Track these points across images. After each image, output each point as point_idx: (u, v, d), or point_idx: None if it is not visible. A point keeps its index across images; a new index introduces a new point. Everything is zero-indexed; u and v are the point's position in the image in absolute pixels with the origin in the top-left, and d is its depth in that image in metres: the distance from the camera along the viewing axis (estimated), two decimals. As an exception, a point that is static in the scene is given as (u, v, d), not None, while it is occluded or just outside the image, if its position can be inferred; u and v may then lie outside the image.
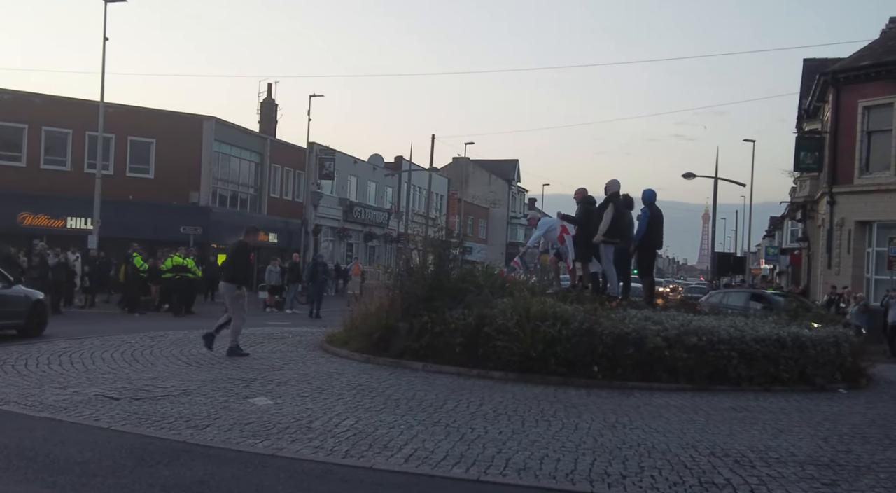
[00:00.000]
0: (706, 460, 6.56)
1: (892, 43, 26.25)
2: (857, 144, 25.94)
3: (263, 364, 10.93)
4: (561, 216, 14.44)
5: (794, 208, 38.36)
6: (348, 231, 46.83)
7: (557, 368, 10.34)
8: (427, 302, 11.77)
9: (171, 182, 32.31)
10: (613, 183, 13.78)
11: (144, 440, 6.42)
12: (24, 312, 14.37)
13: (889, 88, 24.94)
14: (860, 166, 25.97)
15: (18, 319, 14.24)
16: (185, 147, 32.90)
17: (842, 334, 11.80)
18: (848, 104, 26.29)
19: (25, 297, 14.65)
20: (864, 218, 25.76)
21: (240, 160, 37.18)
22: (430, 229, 23.64)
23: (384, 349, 11.73)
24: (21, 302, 14.39)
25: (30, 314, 14.47)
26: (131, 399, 8.08)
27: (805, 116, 34.26)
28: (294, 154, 40.71)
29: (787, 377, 10.70)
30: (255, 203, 38.54)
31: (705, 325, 10.98)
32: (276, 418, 7.42)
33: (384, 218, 50.84)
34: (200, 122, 33.92)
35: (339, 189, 45.67)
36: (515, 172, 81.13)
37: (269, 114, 41.16)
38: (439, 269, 12.65)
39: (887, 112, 25.21)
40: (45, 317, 15.04)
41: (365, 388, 9.29)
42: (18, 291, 14.63)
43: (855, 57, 27.06)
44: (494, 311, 11.11)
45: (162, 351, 12.03)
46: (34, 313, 14.60)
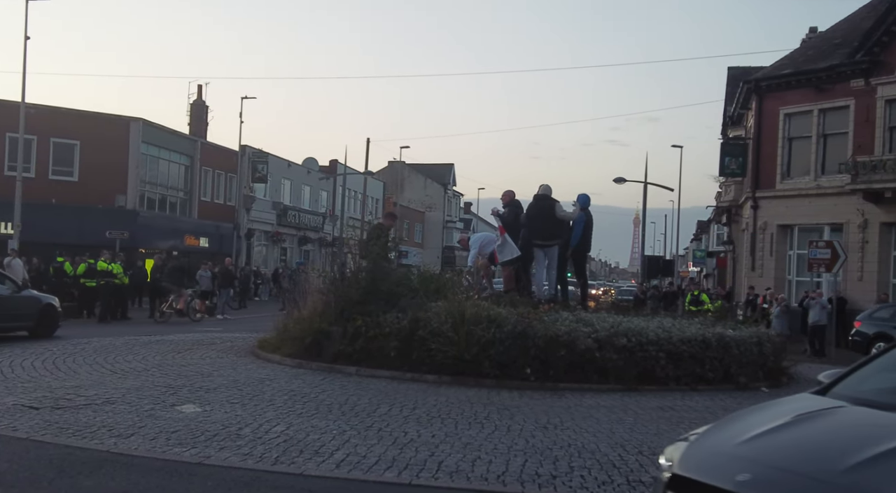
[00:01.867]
0: (634, 459, 6.69)
1: (811, 52, 27.29)
2: (779, 150, 26.88)
3: (192, 371, 10.70)
4: (494, 213, 14.46)
5: (720, 212, 39.48)
6: (282, 235, 46.25)
7: (491, 370, 10.40)
8: (361, 306, 11.70)
9: (96, 185, 31.36)
10: (542, 187, 13.91)
11: (65, 451, 6.21)
12: (33, 314, 15.24)
13: (809, 95, 25.93)
14: (782, 172, 26.91)
15: (27, 321, 15.09)
16: (112, 149, 31.97)
17: (764, 334, 12.21)
18: (770, 111, 27.23)
19: (35, 300, 15.66)
20: (785, 222, 26.70)
21: (169, 163, 36.34)
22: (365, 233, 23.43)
23: (317, 354, 11.61)
24: (30, 305, 15.32)
25: (39, 317, 15.32)
26: (52, 408, 7.80)
27: (730, 122, 35.32)
28: (225, 157, 40.01)
29: (712, 377, 10.99)
30: (185, 207, 37.72)
31: (634, 326, 11.20)
32: (204, 425, 7.26)
33: (319, 222, 50.38)
34: (127, 123, 33.04)
35: (273, 193, 45.09)
36: (451, 176, 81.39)
37: (199, 116, 40.35)
38: (374, 273, 12.59)
39: (807, 119, 26.19)
40: (55, 319, 15.85)
41: (297, 393, 9.17)
42: (27, 295, 15.64)
43: (777, 65, 28.04)
44: (429, 314, 11.11)
45: (85, 359, 11.66)
46: (43, 316, 15.46)
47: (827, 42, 27.10)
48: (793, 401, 4.55)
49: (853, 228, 24.29)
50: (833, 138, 25.52)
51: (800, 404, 4.28)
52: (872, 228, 23.97)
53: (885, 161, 22.92)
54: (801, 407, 4.17)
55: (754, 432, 3.79)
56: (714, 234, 54.95)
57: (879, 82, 23.95)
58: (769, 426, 3.83)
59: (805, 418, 3.93)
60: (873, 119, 24.09)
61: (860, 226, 24.09)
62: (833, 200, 24.80)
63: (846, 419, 3.93)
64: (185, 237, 35.86)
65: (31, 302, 15.46)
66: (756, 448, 3.61)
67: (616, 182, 40.70)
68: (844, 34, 26.36)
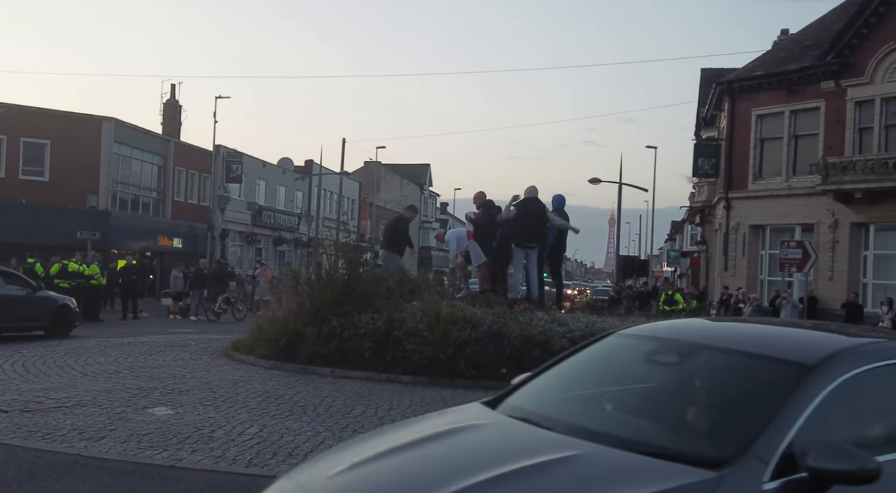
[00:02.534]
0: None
1: (783, 54, 27.62)
2: (751, 151, 27.17)
3: (164, 373, 10.59)
4: (468, 218, 14.54)
5: (693, 213, 39.84)
6: (257, 236, 45.94)
7: (466, 370, 10.41)
8: (336, 307, 11.67)
9: (67, 185, 30.93)
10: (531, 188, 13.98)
11: (34, 454, 6.12)
12: (48, 315, 15.81)
13: (780, 97, 26.24)
14: (754, 172, 27.20)
15: (42, 321, 15.68)
16: (83, 149, 31.55)
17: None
18: (742, 112, 27.52)
19: (50, 301, 16.23)
20: (757, 222, 26.99)
21: (141, 163, 35.94)
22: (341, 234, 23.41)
23: (291, 355, 11.55)
24: (45, 306, 15.89)
25: (54, 317, 15.90)
26: (21, 411, 7.69)
27: (703, 123, 35.65)
28: (199, 157, 39.67)
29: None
30: (158, 207, 37.35)
31: (609, 326, 11.23)
32: (177, 428, 7.19)
33: (294, 222, 50.10)
34: (99, 123, 32.63)
35: (248, 193, 44.77)
36: (427, 176, 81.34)
37: (172, 115, 39.96)
38: (350, 273, 12.56)
39: (779, 120, 26.51)
40: (70, 319, 16.49)
41: (271, 395, 9.12)
42: (42, 295, 16.12)
43: (749, 67, 28.33)
44: (404, 315, 11.11)
45: (56, 361, 11.50)
46: (58, 316, 16.05)
47: (798, 44, 27.44)
48: (449, 414, 3.94)
49: (824, 228, 24.62)
50: (804, 139, 25.86)
51: (450, 419, 3.68)
52: (843, 229, 24.31)
53: (855, 162, 23.26)
54: (446, 423, 3.57)
55: (358, 458, 3.21)
56: (688, 234, 55.43)
57: (849, 84, 24.31)
58: (379, 450, 3.25)
59: (431, 439, 3.30)
60: (843, 120, 24.44)
61: (831, 226, 24.43)
62: (804, 200, 25.12)
63: (476, 439, 3.34)
64: (158, 238, 35.52)
65: (46, 302, 16.04)
66: (340, 483, 3.04)
67: (591, 183, 40.92)
68: (815, 36, 26.71)
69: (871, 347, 3.57)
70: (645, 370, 3.90)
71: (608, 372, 4.02)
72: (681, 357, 3.75)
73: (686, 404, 3.52)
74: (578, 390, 3.96)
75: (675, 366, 3.77)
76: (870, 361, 3.32)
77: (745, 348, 3.56)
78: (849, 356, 3.31)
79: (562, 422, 3.35)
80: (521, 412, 3.56)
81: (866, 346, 3.58)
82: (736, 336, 3.91)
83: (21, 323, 15.40)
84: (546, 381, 3.98)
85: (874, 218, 23.77)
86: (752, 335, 3.97)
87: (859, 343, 3.62)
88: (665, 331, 4.07)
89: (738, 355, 3.50)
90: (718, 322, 5.51)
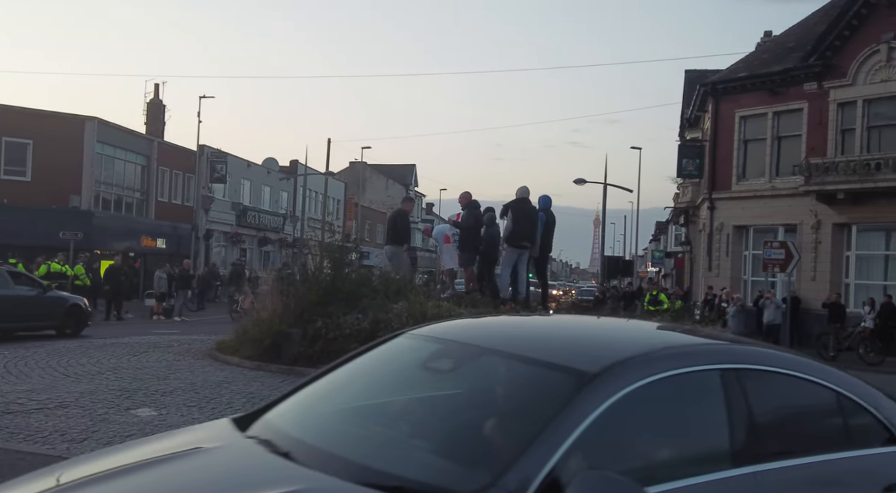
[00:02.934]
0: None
1: (766, 56, 27.81)
2: (735, 152, 27.35)
3: (148, 374, 10.51)
4: (451, 222, 14.60)
5: (678, 213, 40.05)
6: (241, 236, 45.75)
7: (452, 371, 10.37)
8: (321, 307, 11.63)
9: (50, 185, 30.67)
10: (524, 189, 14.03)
11: (15, 456, 6.06)
12: (59, 314, 16.28)
13: (764, 98, 26.42)
14: (737, 173, 27.38)
15: (53, 321, 16.15)
16: (66, 149, 31.30)
17: (720, 332, 12.35)
18: (726, 114, 27.69)
19: (60, 301, 16.68)
20: (741, 223, 27.17)
21: (125, 163, 35.71)
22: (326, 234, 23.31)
23: (276, 356, 11.50)
24: (56, 305, 16.34)
25: (64, 316, 16.37)
26: (2, 413, 7.62)
27: (687, 124, 35.84)
28: (183, 157, 39.46)
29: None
30: (142, 207, 37.11)
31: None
32: (160, 429, 7.12)
33: (279, 223, 49.93)
34: (82, 122, 32.39)
35: (232, 193, 44.58)
36: (413, 176, 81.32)
37: (156, 115, 39.72)
38: (335, 274, 12.54)
39: (762, 122, 26.69)
40: (82, 319, 16.96)
41: (255, 396, 9.07)
42: (53, 295, 16.58)
43: (732, 69, 28.51)
44: (390, 315, 11.08)
45: (38, 362, 11.40)
46: (69, 316, 16.53)
47: (781, 46, 27.64)
48: (192, 432, 3.46)
49: (807, 228, 24.80)
50: (787, 141, 26.05)
51: (189, 439, 3.18)
52: (825, 229, 24.51)
53: (837, 163, 23.46)
54: (180, 444, 3.05)
55: (67, 479, 2.76)
56: (672, 234, 55.69)
57: (832, 86, 24.52)
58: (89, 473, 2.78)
59: (149, 464, 2.80)
60: (826, 122, 24.64)
61: (813, 227, 24.62)
62: (787, 201, 25.30)
63: (193, 468, 2.80)
64: (141, 238, 35.30)
65: (56, 302, 16.50)
66: None
67: (576, 183, 41.05)
68: (798, 38, 26.91)
69: (673, 351, 3.07)
70: (420, 379, 3.43)
71: (385, 381, 3.48)
72: (458, 364, 3.32)
73: (451, 420, 3.05)
74: (348, 402, 3.40)
75: (450, 374, 3.33)
76: (666, 368, 2.83)
77: (529, 352, 3.04)
78: (641, 363, 2.83)
79: (306, 446, 2.82)
80: (269, 431, 3.03)
81: (668, 350, 3.08)
82: (529, 338, 3.42)
83: (32, 323, 15.85)
84: (315, 391, 3.41)
85: (856, 219, 23.97)
86: (547, 337, 3.47)
87: (662, 346, 3.15)
88: (454, 332, 3.55)
89: (520, 361, 3.00)
90: (524, 320, 4.66)
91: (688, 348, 3.19)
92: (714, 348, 3.27)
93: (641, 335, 3.57)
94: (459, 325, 3.86)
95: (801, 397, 3.22)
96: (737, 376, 2.97)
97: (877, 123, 23.89)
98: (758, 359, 3.19)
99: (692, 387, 2.91)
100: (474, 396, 3.18)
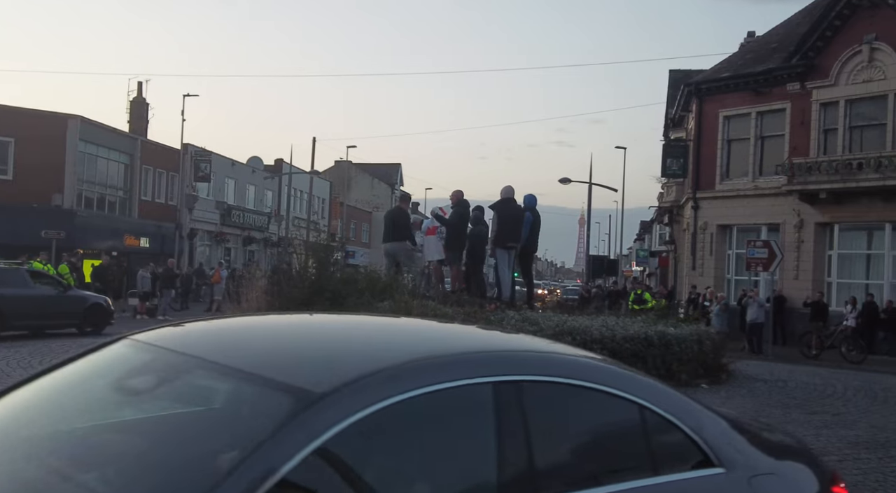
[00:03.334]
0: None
1: (749, 56, 27.99)
2: (719, 151, 27.52)
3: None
4: (434, 215, 14.58)
5: (662, 213, 40.22)
6: (226, 235, 45.56)
7: (437, 370, 10.38)
8: (306, 306, 11.60)
9: (32, 184, 30.43)
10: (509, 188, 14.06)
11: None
12: (80, 313, 16.79)
13: (747, 98, 26.60)
14: (721, 173, 27.55)
15: (74, 319, 16.69)
16: (48, 147, 31.06)
17: (704, 332, 12.45)
18: (710, 114, 27.86)
19: (81, 299, 17.23)
20: (724, 222, 27.34)
21: (108, 161, 35.47)
22: (311, 233, 23.39)
23: (262, 356, 11.45)
24: (76, 304, 16.86)
25: (84, 315, 16.89)
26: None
27: (671, 124, 36.03)
28: (167, 155, 39.24)
29: (654, 374, 11.13)
30: (125, 206, 36.88)
31: (579, 325, 11.31)
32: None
33: (264, 222, 49.76)
34: (65, 121, 32.14)
35: (217, 192, 44.38)
36: (398, 176, 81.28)
37: (139, 113, 39.45)
38: (320, 273, 12.52)
39: (745, 122, 26.88)
40: (104, 317, 17.34)
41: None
42: (74, 294, 17.21)
43: (716, 69, 28.69)
44: (374, 314, 11.07)
45: (20, 362, 11.30)
46: (90, 314, 17.02)
47: (764, 46, 27.84)
48: None
49: (789, 228, 25.00)
50: (770, 140, 26.24)
51: None
52: (808, 228, 24.71)
53: (819, 163, 23.66)
54: None
55: None
56: (656, 234, 56.00)
57: (814, 86, 24.72)
58: None
59: None
60: (808, 122, 24.85)
61: (796, 226, 24.81)
62: (770, 200, 25.48)
63: None
64: (124, 237, 35.08)
65: (77, 301, 17.03)
66: None
67: (561, 183, 41.13)
68: (781, 39, 27.11)
69: (428, 363, 2.48)
70: (110, 400, 2.73)
71: (75, 401, 2.74)
72: (162, 380, 2.70)
73: (126, 455, 2.34)
74: (20, 429, 2.61)
75: (149, 394, 2.70)
76: (417, 385, 2.31)
77: (253, 365, 2.44)
78: (383, 379, 2.29)
79: None
80: None
81: (421, 362, 2.48)
82: (268, 346, 2.80)
83: (53, 321, 16.37)
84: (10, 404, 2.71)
85: (838, 218, 24.18)
86: (291, 345, 2.82)
87: (413, 358, 2.51)
88: (180, 339, 2.92)
89: (237, 378, 2.41)
90: (281, 322, 3.66)
91: (449, 359, 2.58)
92: (485, 358, 2.66)
93: (403, 343, 2.91)
94: (192, 329, 3.13)
95: (597, 415, 2.73)
96: (516, 391, 2.45)
97: (858, 123, 24.11)
98: (545, 369, 2.67)
99: (454, 407, 2.39)
100: (166, 422, 2.53)
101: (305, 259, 13.39)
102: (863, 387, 12.47)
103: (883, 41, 23.24)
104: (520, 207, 13.89)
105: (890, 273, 23.25)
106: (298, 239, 22.58)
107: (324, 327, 3.40)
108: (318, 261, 12.77)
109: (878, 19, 23.43)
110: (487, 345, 3.09)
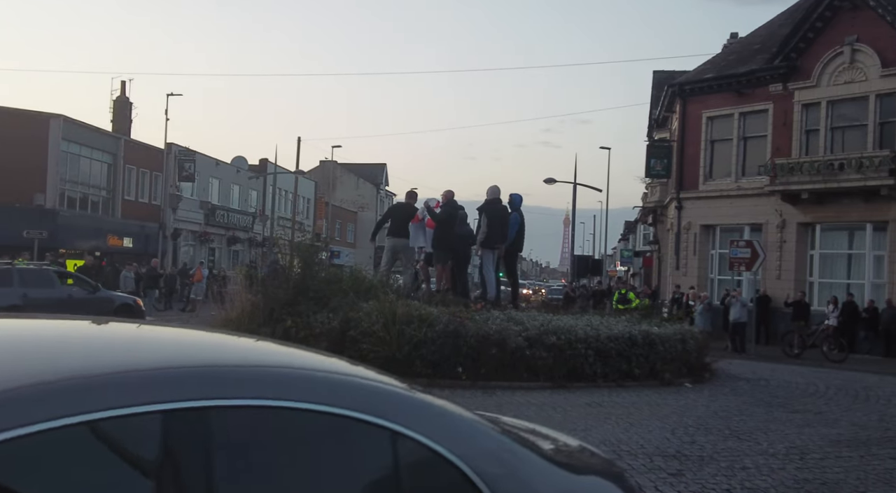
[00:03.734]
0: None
1: (732, 57, 28.18)
2: (702, 152, 27.68)
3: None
4: (426, 206, 14.51)
5: (646, 213, 40.41)
6: (210, 235, 45.35)
7: (423, 369, 10.39)
8: (291, 307, 11.56)
9: (13, 184, 30.17)
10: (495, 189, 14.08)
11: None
12: (108, 314, 16.29)
13: (730, 99, 26.77)
14: (704, 173, 27.71)
15: None
16: (30, 147, 30.82)
17: (687, 331, 12.54)
18: (693, 114, 28.02)
19: (109, 301, 17.44)
20: (708, 222, 27.50)
21: (90, 161, 35.23)
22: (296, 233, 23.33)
23: (246, 356, 11.40)
24: (104, 305, 17.00)
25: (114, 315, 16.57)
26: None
27: (655, 125, 36.20)
28: (151, 155, 39.02)
29: (638, 373, 11.23)
30: (108, 206, 36.64)
31: (564, 325, 11.36)
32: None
33: (248, 222, 49.57)
34: (47, 120, 31.90)
35: (201, 192, 44.16)
36: (384, 176, 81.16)
37: (122, 113, 39.21)
38: (305, 273, 12.47)
39: (728, 122, 27.05)
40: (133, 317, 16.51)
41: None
42: (102, 296, 17.44)
43: (699, 70, 28.86)
44: (360, 314, 11.04)
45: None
46: (118, 315, 16.58)
47: (747, 47, 28.03)
48: None
49: (772, 228, 25.18)
50: (753, 141, 26.42)
51: None
52: (790, 228, 24.91)
53: (801, 163, 23.85)
54: None
55: None
56: (641, 234, 56.21)
57: (796, 87, 24.91)
58: None
59: None
60: (791, 122, 25.04)
61: (778, 226, 25.00)
62: (753, 200, 25.66)
63: None
64: (107, 237, 34.85)
65: (105, 303, 17.24)
66: None
67: (546, 183, 41.23)
68: (763, 40, 27.31)
69: (64, 385, 1.70)
70: None
71: None
72: None
73: None
74: None
75: None
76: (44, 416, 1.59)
77: None
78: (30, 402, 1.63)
79: None
80: None
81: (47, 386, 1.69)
82: None
83: None
84: None
85: (820, 218, 24.39)
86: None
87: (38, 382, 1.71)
88: None
89: None
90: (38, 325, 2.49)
91: (99, 379, 1.76)
92: (158, 377, 1.82)
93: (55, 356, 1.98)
94: None
95: (324, 449, 1.97)
96: (201, 423, 1.75)
97: (840, 123, 24.32)
98: (255, 388, 1.89)
99: (106, 447, 1.69)
100: None
101: (290, 259, 13.34)
102: (844, 386, 12.60)
103: (864, 43, 23.46)
104: (506, 207, 13.94)
105: (871, 273, 23.48)
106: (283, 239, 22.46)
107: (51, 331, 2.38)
108: (303, 261, 12.72)
109: (860, 21, 23.65)
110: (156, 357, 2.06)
